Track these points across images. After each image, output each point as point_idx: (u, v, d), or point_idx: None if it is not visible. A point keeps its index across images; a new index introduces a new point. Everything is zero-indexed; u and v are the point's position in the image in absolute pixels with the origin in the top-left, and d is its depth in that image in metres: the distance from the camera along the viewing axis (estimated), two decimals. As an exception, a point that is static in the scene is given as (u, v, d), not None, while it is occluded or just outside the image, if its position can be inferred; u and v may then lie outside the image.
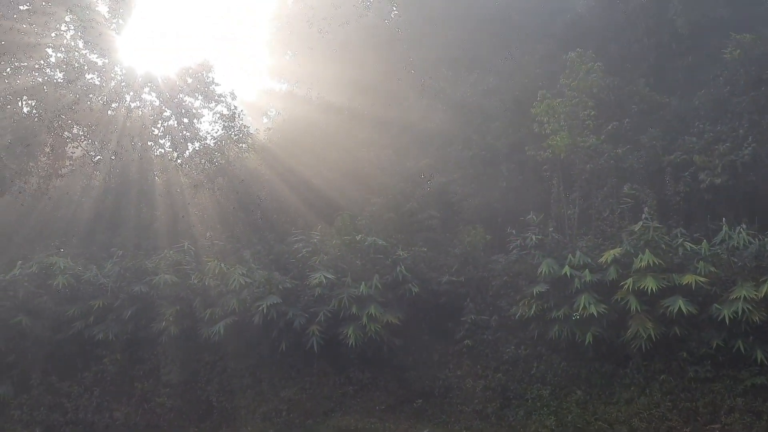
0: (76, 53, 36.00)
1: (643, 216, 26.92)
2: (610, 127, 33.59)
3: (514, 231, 29.42)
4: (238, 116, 38.69)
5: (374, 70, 47.96)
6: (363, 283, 27.04)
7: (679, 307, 22.89)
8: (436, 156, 39.38)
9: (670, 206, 30.66)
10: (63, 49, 36.53)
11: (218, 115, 39.41)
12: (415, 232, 33.40)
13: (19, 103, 36.95)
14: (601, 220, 31.60)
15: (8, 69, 35.36)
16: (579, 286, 25.10)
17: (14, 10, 35.40)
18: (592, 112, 32.84)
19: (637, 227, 26.38)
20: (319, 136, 40.74)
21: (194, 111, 39.73)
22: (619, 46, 39.43)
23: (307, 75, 48.92)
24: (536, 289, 25.87)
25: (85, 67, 35.98)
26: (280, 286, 27.13)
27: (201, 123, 40.07)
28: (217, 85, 39.41)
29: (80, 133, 36.11)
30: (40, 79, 35.75)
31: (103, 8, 38.78)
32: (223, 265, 28.17)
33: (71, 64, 35.36)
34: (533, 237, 28.18)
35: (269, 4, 51.34)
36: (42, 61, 35.97)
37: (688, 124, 32.81)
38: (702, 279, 23.34)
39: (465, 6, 48.16)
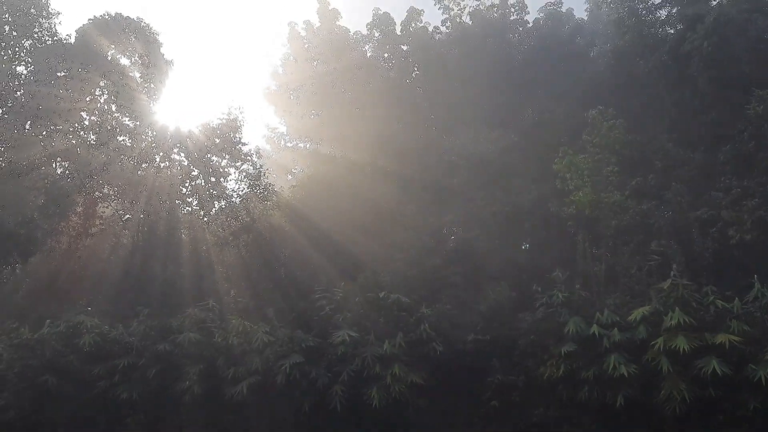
0: (109, 116, 37.60)
1: (672, 273, 26.36)
2: (634, 183, 33.47)
3: (539, 288, 29.02)
4: (264, 174, 39.64)
5: (396, 127, 48.83)
6: (387, 341, 26.70)
7: (714, 368, 22.11)
8: (459, 212, 39.44)
9: (699, 263, 30.10)
10: (96, 113, 38.14)
11: (244, 173, 40.46)
12: (439, 289, 33.14)
13: (53, 165, 38.39)
14: (629, 277, 31.05)
15: (44, 132, 36.95)
16: (608, 346, 24.47)
17: (52, 77, 37.29)
18: (616, 168, 32.82)
19: (666, 285, 25.80)
20: (342, 193, 41.17)
21: (221, 170, 40.87)
22: (641, 103, 39.70)
23: (331, 133, 49.95)
24: (564, 349, 25.26)
25: (117, 130, 37.47)
26: (303, 345, 26.92)
27: (227, 181, 41.09)
28: (243, 144, 40.65)
29: (111, 192, 37.23)
30: (74, 141, 37.22)
31: (135, 73, 40.70)
32: (246, 323, 28.13)
33: (104, 127, 36.85)
34: (559, 294, 27.71)
35: (295, 67, 52.92)
36: (76, 124, 37.53)
37: (714, 179, 32.56)
38: (736, 338, 22.61)
39: (485, 64, 49.07)
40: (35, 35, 37.52)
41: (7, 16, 36.56)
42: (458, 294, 32.58)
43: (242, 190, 39.54)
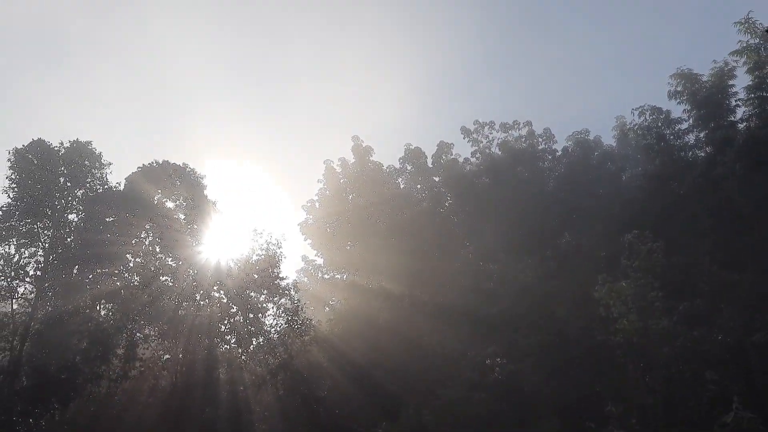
0: (153, 258, 38.71)
1: (734, 405, 24.73)
2: (681, 308, 32.33)
3: (593, 425, 27.40)
4: (301, 309, 39.61)
5: (432, 257, 49.03)
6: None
7: None
8: (502, 343, 38.36)
9: (761, 392, 28.22)
10: (141, 254, 39.37)
11: (282, 308, 40.49)
12: (487, 425, 31.56)
13: (98, 308, 39.12)
14: (688, 410, 29.19)
15: (90, 276, 38.07)
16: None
17: (101, 223, 39.02)
18: (660, 293, 31.90)
19: (729, 418, 24.13)
20: (380, 326, 40.71)
21: (259, 306, 41.00)
22: (678, 225, 39.27)
23: (367, 264, 50.35)
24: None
25: (160, 270, 38.40)
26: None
27: (265, 317, 41.06)
28: (282, 279, 41.04)
29: (151, 333, 37.41)
30: (119, 284, 38.16)
31: (180, 215, 42.30)
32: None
33: (147, 268, 37.85)
34: (615, 432, 26.10)
35: (330, 201, 54.52)
36: (121, 267, 38.67)
37: (767, 301, 31.29)
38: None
39: (516, 191, 49.82)
40: (88, 184, 39.71)
41: (63, 168, 39.02)
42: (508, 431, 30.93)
43: (280, 326, 39.33)
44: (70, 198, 39.13)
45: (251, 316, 40.33)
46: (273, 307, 40.78)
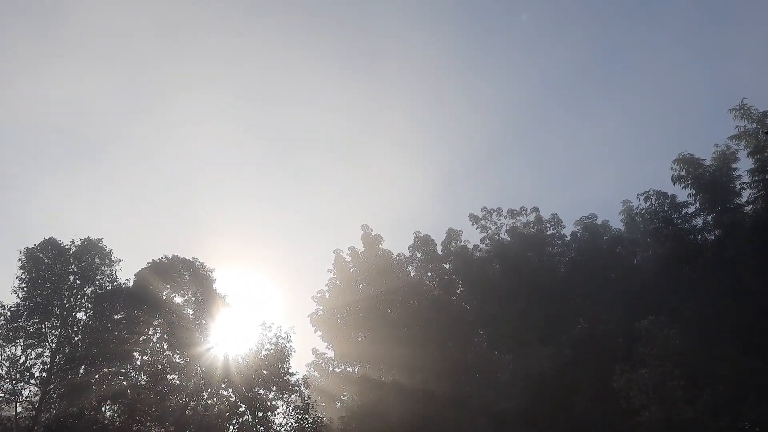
0: (161, 356, 38.17)
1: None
2: (704, 397, 31.17)
3: None
4: (312, 407, 38.52)
5: (445, 346, 48.08)
6: None
7: None
8: (520, 437, 36.87)
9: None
10: (149, 352, 38.86)
11: (292, 405, 39.41)
12: None
13: (103, 409, 38.17)
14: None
15: (97, 375, 37.40)
16: None
17: (110, 320, 38.77)
18: (681, 382, 30.90)
19: None
20: (394, 423, 39.34)
21: (268, 403, 39.93)
22: (693, 309, 38.50)
23: (378, 356, 49.34)
24: None
25: (168, 368, 37.78)
26: None
27: (275, 415, 39.88)
28: (291, 374, 40.21)
29: (158, 434, 36.31)
30: (125, 383, 37.41)
31: (188, 310, 42.08)
32: None
33: (155, 366, 37.25)
34: None
35: (340, 291, 54.21)
36: (128, 365, 38.06)
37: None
38: None
39: (528, 278, 49.39)
40: (97, 282, 39.78)
41: (73, 266, 39.26)
42: None
43: (290, 425, 38.17)
44: (79, 296, 39.13)
45: (260, 414, 39.24)
46: (282, 405, 39.79)
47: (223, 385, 39.12)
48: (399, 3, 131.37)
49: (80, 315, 39.01)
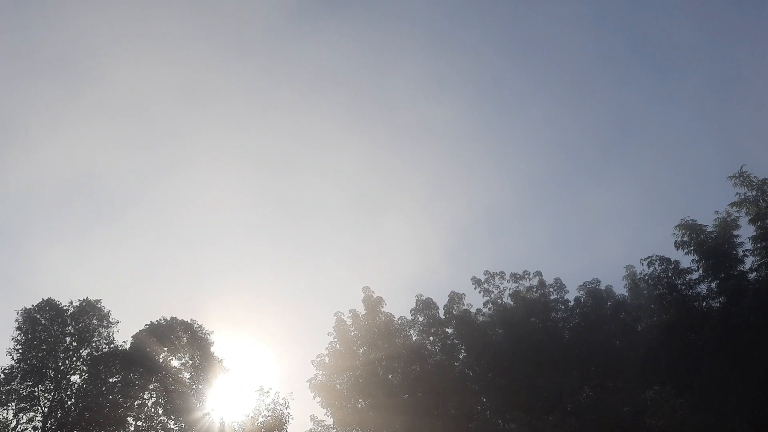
0: (155, 421, 37.44)
1: None
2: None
3: None
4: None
5: (447, 414, 46.87)
6: None
7: None
8: None
9: None
10: (143, 417, 38.13)
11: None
12: None
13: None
14: None
15: (86, 446, 36.58)
16: None
17: (105, 384, 38.26)
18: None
19: None
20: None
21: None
22: (700, 378, 37.61)
23: (379, 424, 48.11)
24: None
25: (162, 434, 37.01)
26: None
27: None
28: (291, 440, 39.27)
29: None
30: (116, 451, 36.57)
31: (185, 374, 41.53)
32: None
33: (148, 432, 36.53)
34: None
35: (340, 355, 53.33)
36: (122, 431, 37.27)
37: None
38: None
39: (531, 343, 48.58)
40: (94, 344, 39.52)
41: (70, 328, 39.08)
42: None
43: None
44: (74, 358, 38.81)
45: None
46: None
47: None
48: (414, 73, 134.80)
49: (75, 378, 38.60)
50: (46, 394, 36.64)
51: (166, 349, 42.62)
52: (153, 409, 39.08)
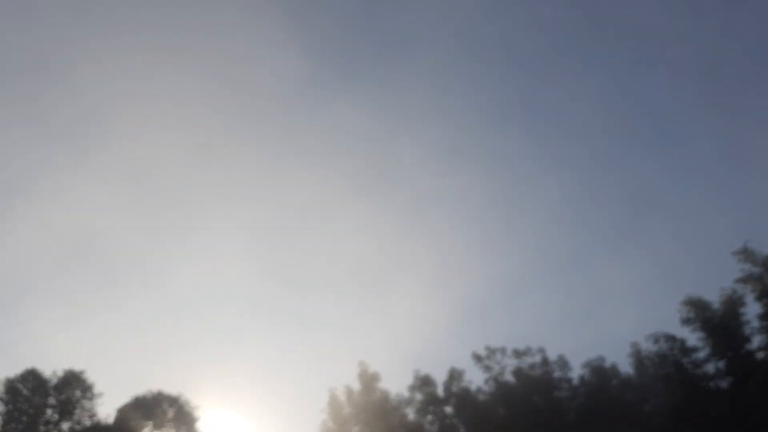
0: None
1: None
2: None
3: None
4: None
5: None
6: None
7: None
8: None
9: None
10: None
11: None
12: None
13: None
14: None
15: None
16: None
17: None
18: None
19: None
20: None
21: None
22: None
23: None
24: None
25: None
26: None
27: None
28: None
29: None
30: None
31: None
32: None
33: None
34: None
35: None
36: None
37: None
38: None
39: (536, 424, 46.46)
40: (75, 417, 38.17)
41: (52, 399, 37.84)
42: None
43: None
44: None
45: None
46: None
47: None
48: (424, 143, 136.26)
49: (53, 453, 37.03)
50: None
51: (150, 422, 41.15)
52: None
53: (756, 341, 36.64)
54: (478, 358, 53.99)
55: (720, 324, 38.30)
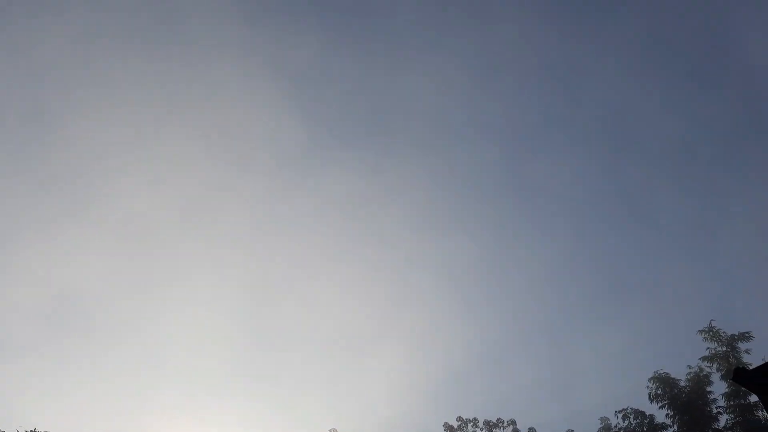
0: None
1: None
2: None
3: None
4: None
5: None
6: None
7: None
8: None
9: None
10: None
11: None
12: None
13: None
14: None
15: None
16: None
17: None
18: None
19: None
20: None
21: None
22: None
23: None
24: None
25: None
26: None
27: None
28: None
29: None
30: None
31: None
32: None
33: None
34: None
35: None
36: None
37: None
38: None
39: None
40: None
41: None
42: None
43: None
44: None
45: None
46: None
47: None
48: (412, 208, 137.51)
49: None
50: None
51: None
52: None
53: (723, 421, 37.23)
54: (450, 428, 53.55)
55: (687, 402, 38.82)
